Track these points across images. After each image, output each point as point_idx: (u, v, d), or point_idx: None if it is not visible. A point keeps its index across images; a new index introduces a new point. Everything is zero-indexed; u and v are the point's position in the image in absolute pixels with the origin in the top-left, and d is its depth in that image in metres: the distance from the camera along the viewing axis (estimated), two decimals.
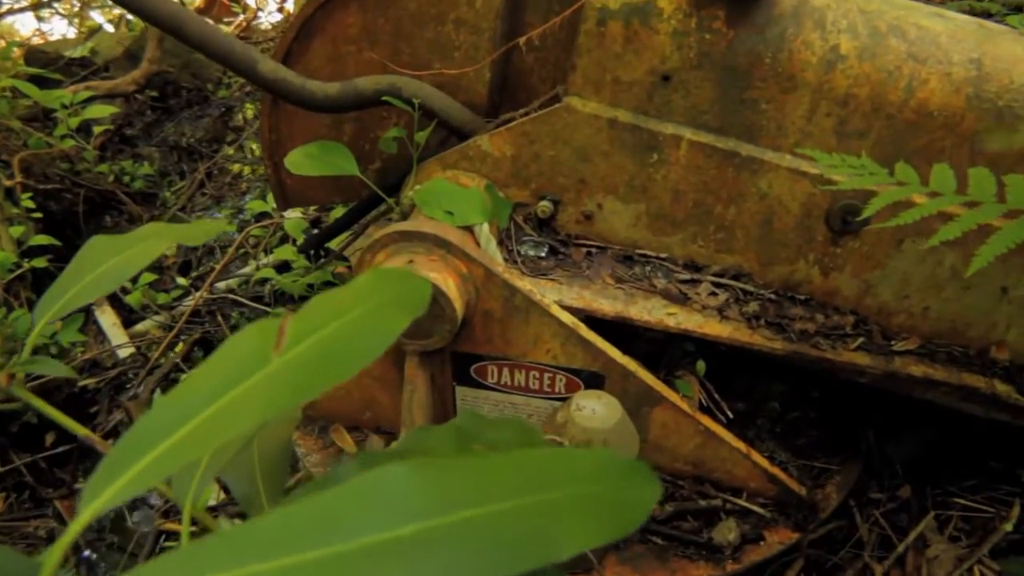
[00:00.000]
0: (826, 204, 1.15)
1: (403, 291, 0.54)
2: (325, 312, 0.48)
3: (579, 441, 0.93)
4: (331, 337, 0.45)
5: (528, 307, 1.08)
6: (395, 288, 0.54)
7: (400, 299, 0.53)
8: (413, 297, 0.54)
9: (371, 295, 0.52)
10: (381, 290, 0.53)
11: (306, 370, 0.42)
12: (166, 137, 3.29)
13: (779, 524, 1.23)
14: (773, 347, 1.18)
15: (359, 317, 0.48)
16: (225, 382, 0.41)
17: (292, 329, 0.45)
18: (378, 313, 0.50)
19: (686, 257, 1.24)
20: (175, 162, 3.19)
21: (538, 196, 1.23)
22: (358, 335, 0.47)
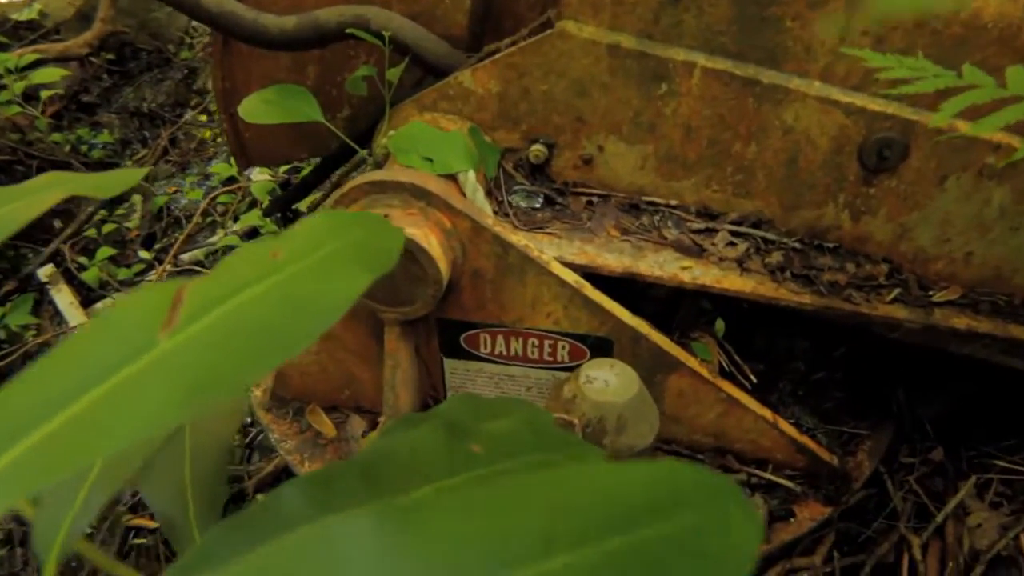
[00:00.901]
0: (860, 138, 1.00)
1: (363, 240, 0.39)
2: (245, 271, 0.33)
3: (591, 418, 0.79)
4: (249, 308, 0.31)
5: (524, 265, 0.93)
6: (351, 236, 0.39)
7: (358, 250, 0.38)
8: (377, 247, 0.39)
9: (315, 246, 0.37)
10: (331, 239, 0.38)
11: (205, 361, 0.28)
12: (125, 103, 3.09)
13: (809, 498, 1.11)
14: (801, 302, 1.04)
15: (295, 277, 0.34)
16: (81, 381, 0.27)
17: (192, 298, 0.31)
18: (324, 270, 0.35)
19: (699, 204, 1.09)
20: (136, 129, 2.99)
21: (530, 139, 1.08)
22: (295, 302, 0.32)
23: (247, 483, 1.47)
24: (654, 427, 0.83)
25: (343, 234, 0.38)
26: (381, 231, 0.40)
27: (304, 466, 1.15)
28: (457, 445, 0.36)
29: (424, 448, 0.36)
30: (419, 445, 0.36)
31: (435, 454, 0.37)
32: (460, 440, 0.37)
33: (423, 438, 0.36)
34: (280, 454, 1.19)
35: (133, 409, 0.25)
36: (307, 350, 1.12)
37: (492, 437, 0.39)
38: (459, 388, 1.11)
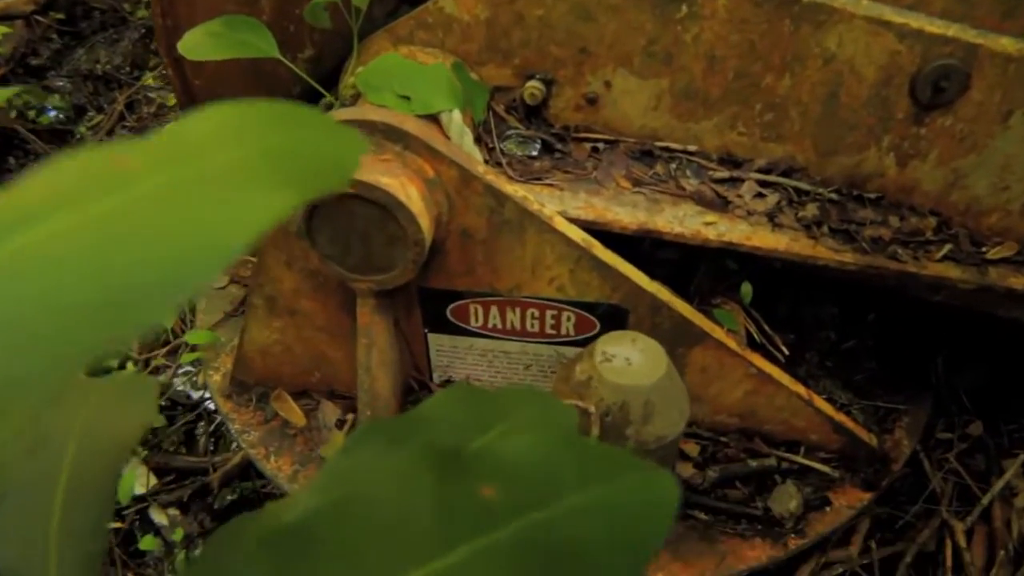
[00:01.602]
0: (913, 67, 0.85)
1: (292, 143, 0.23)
2: (51, 193, 0.18)
3: (611, 405, 0.64)
4: (48, 249, 0.15)
5: (523, 221, 0.78)
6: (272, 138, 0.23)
7: (281, 157, 0.22)
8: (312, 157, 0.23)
9: (201, 151, 0.21)
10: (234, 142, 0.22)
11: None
12: (78, 65, 2.86)
13: (846, 483, 0.98)
14: (842, 260, 0.90)
15: (149, 198, 0.18)
16: None
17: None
18: (212, 183, 0.19)
19: (722, 149, 0.94)
20: (90, 93, 2.77)
21: (524, 75, 0.91)
22: (135, 245, 0.16)
23: (212, 476, 1.32)
24: (684, 412, 0.69)
25: (253, 136, 0.23)
26: (321, 133, 0.25)
27: (270, 460, 0.99)
28: (457, 489, 0.21)
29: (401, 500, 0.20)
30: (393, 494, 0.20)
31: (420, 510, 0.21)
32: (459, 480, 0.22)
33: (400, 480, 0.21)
34: (243, 448, 1.03)
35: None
36: (268, 326, 0.96)
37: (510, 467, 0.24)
38: (446, 368, 0.96)
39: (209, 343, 1.13)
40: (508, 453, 0.26)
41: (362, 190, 0.70)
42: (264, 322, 0.95)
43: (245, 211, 0.18)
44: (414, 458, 0.22)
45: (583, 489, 0.26)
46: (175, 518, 1.27)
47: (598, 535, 0.25)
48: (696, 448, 0.95)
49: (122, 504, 1.27)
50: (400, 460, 0.22)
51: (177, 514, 1.27)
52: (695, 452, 0.95)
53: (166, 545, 1.23)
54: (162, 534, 1.24)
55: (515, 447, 0.28)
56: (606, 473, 0.27)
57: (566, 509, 0.24)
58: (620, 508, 0.26)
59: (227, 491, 1.28)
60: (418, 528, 0.20)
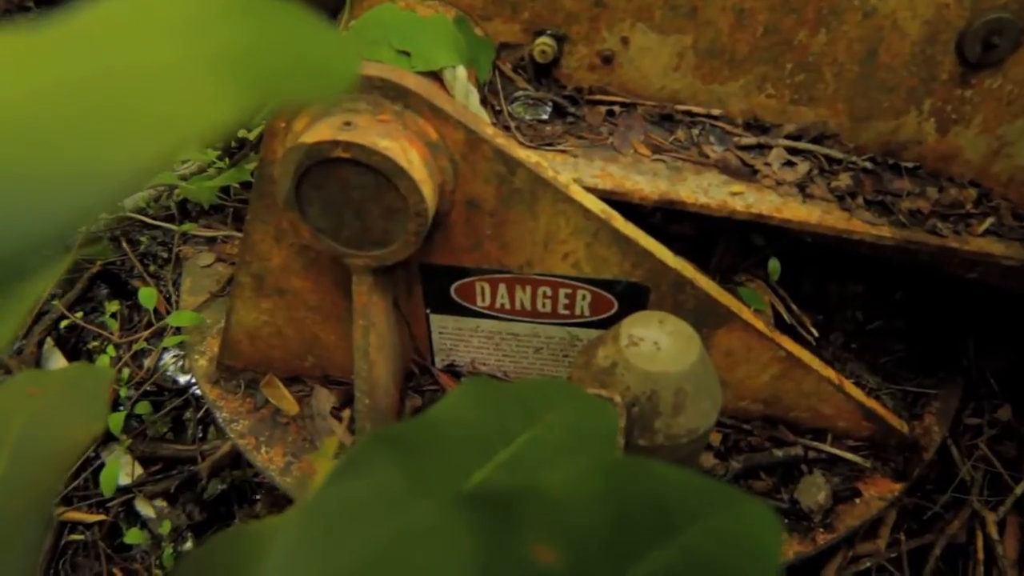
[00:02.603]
0: (962, 22, 0.78)
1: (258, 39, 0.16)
2: None
3: (638, 394, 0.57)
4: None
5: (536, 190, 0.70)
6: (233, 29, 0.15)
7: (247, 53, 0.14)
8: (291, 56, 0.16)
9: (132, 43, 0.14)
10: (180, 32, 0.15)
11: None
12: None
13: (876, 473, 0.92)
14: (880, 235, 0.83)
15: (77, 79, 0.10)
16: None
17: None
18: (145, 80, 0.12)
19: (748, 113, 0.87)
20: None
21: (534, 31, 0.84)
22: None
23: (201, 465, 1.25)
24: (717, 402, 0.62)
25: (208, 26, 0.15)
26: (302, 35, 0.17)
27: (261, 451, 0.93)
28: (503, 551, 0.14)
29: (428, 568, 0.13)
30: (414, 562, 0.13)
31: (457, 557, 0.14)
32: (506, 534, 0.15)
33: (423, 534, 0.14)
34: (231, 437, 0.97)
35: None
36: (256, 307, 0.88)
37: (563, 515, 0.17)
38: (450, 351, 0.89)
39: (194, 325, 1.06)
40: (559, 492, 0.19)
41: (358, 154, 0.63)
42: (252, 302, 0.88)
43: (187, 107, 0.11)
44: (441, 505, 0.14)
45: (664, 541, 0.19)
46: (162, 510, 1.20)
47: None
48: (718, 437, 0.89)
49: (106, 496, 1.20)
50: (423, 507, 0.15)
51: (164, 506, 1.21)
52: (717, 441, 0.88)
53: (153, 539, 1.16)
54: (149, 527, 1.18)
55: (566, 482, 0.20)
56: (690, 515, 0.20)
57: (648, 570, 0.17)
58: (714, 559, 0.19)
59: (217, 481, 1.21)
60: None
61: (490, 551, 0.14)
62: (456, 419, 0.32)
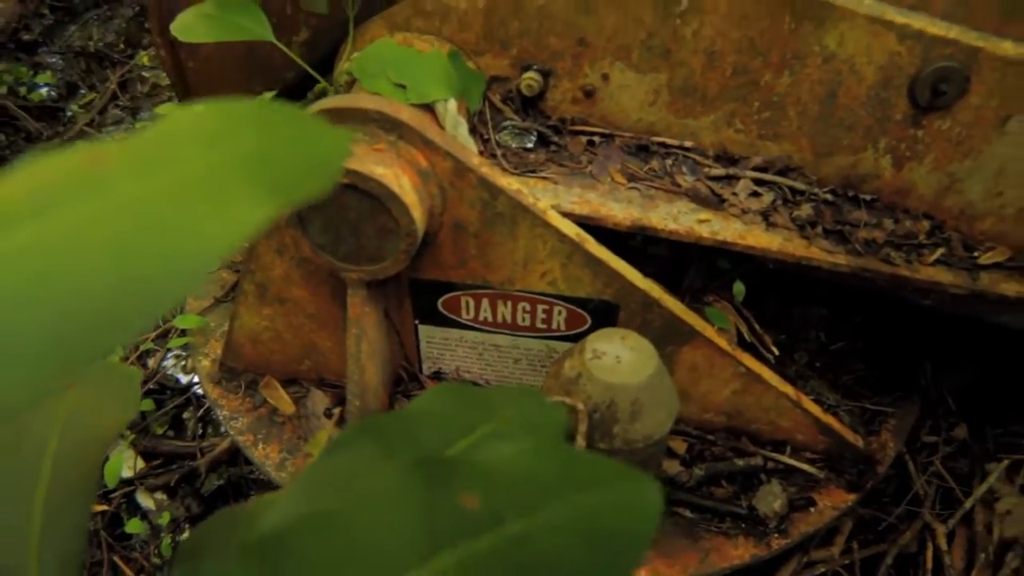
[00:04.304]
0: (913, 68, 0.85)
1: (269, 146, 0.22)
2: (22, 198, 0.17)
3: (599, 403, 0.64)
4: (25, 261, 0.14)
5: (516, 215, 0.77)
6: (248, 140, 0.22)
7: (259, 162, 0.21)
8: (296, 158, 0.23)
9: (179, 155, 0.20)
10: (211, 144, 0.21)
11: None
12: (70, 42, 2.82)
13: (831, 484, 0.98)
14: (835, 262, 0.90)
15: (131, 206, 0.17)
16: None
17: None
18: (186, 189, 0.19)
19: (718, 146, 0.94)
20: (83, 71, 2.74)
21: (521, 66, 0.91)
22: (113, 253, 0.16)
23: (200, 461, 1.31)
24: (672, 412, 0.69)
25: (231, 139, 0.22)
26: (303, 136, 0.24)
27: (258, 448, 0.99)
28: (440, 498, 0.21)
29: (386, 508, 0.20)
30: (377, 502, 0.20)
31: (403, 518, 0.21)
32: (445, 486, 0.21)
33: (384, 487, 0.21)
34: (230, 434, 1.03)
35: None
36: (258, 313, 0.95)
37: (492, 476, 0.23)
38: (436, 360, 0.95)
39: (198, 328, 1.12)
40: (492, 460, 0.26)
41: (355, 180, 0.70)
42: (254, 309, 0.95)
43: (224, 221, 0.18)
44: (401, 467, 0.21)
45: (565, 499, 0.25)
46: (162, 502, 1.26)
47: (580, 546, 0.25)
48: (683, 445, 0.95)
49: (109, 487, 1.26)
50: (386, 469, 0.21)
51: (164, 498, 1.27)
52: (682, 449, 0.95)
53: (152, 529, 1.23)
54: (148, 518, 1.24)
55: (499, 454, 0.27)
56: (589, 482, 0.27)
57: (548, 519, 0.24)
58: (602, 518, 0.26)
59: (215, 476, 1.27)
60: (400, 539, 0.19)
61: (431, 497, 0.21)
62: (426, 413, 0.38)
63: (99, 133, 2.34)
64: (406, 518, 0.20)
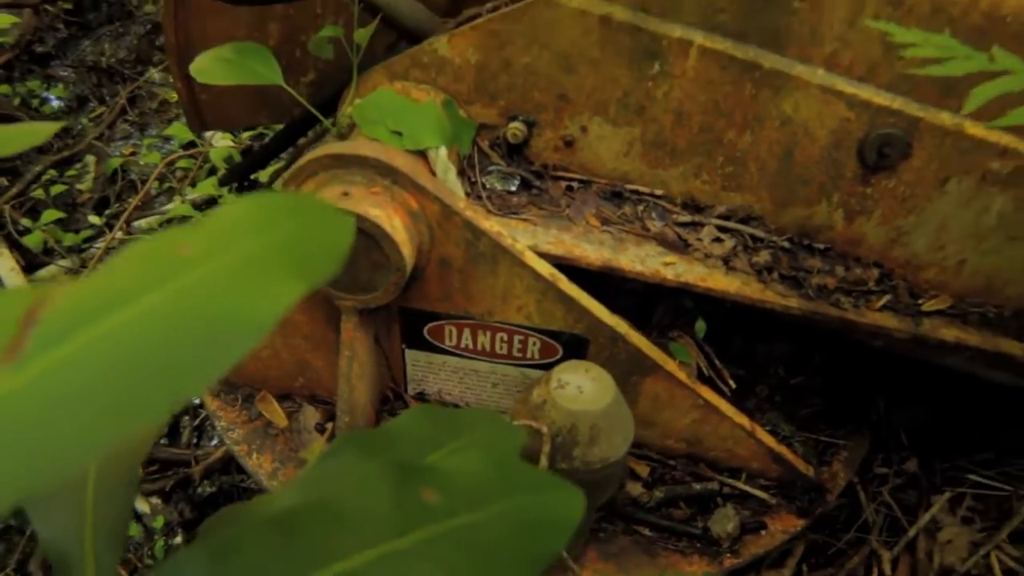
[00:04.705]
0: (861, 133, 0.94)
1: (300, 234, 0.31)
2: (136, 274, 0.25)
3: (561, 427, 0.72)
4: (135, 328, 0.23)
5: (496, 254, 0.86)
6: (286, 228, 0.30)
7: (293, 248, 0.30)
8: (318, 244, 0.31)
9: (240, 239, 0.29)
10: (262, 231, 0.30)
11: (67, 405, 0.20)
12: (83, 56, 2.92)
13: (782, 509, 1.06)
14: (787, 305, 0.98)
15: (204, 284, 0.26)
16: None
17: (54, 314, 0.22)
18: (245, 274, 0.27)
19: (686, 194, 1.02)
20: (94, 85, 2.83)
21: (508, 116, 0.99)
22: (195, 321, 0.24)
23: (194, 469, 1.38)
24: (628, 438, 0.77)
25: (272, 227, 0.30)
26: (323, 223, 0.32)
27: (252, 458, 1.06)
28: (408, 491, 0.29)
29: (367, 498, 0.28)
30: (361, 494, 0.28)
31: (380, 506, 0.29)
32: (411, 484, 0.29)
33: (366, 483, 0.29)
34: (227, 444, 1.10)
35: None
36: None
37: (449, 478, 0.31)
38: (420, 381, 1.03)
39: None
40: (452, 467, 0.34)
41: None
42: None
43: (266, 299, 0.26)
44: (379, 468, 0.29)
45: (506, 499, 0.33)
46: (157, 507, 1.33)
47: (515, 535, 0.33)
48: (646, 469, 1.03)
49: None
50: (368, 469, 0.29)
51: (159, 503, 1.34)
52: (645, 472, 1.03)
53: (146, 531, 1.29)
54: (143, 521, 1.30)
55: (459, 463, 0.36)
56: (525, 488, 0.35)
57: (492, 513, 0.32)
58: (533, 514, 0.34)
59: (208, 483, 1.34)
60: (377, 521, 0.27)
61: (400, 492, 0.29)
62: (405, 429, 0.47)
63: (108, 147, 2.42)
64: (382, 506, 0.28)
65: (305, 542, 0.26)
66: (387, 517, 0.29)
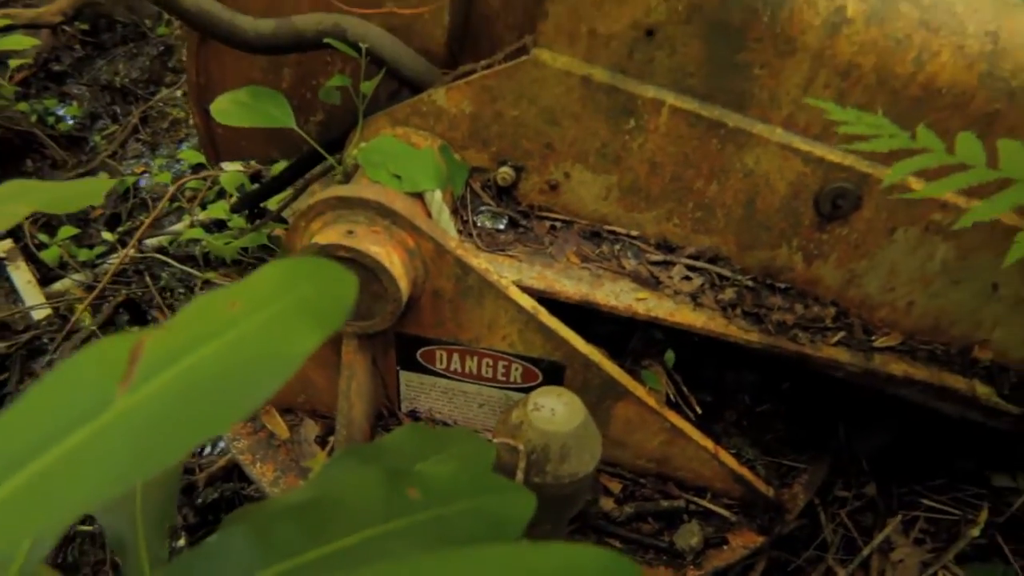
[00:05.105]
0: (816, 186, 1.04)
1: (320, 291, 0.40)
2: (202, 325, 0.35)
3: (535, 445, 0.81)
4: (203, 367, 0.32)
5: (483, 288, 0.95)
6: (309, 287, 0.40)
7: (315, 303, 0.39)
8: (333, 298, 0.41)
9: (274, 297, 0.38)
10: (289, 290, 0.39)
11: (160, 422, 0.29)
12: (97, 75, 3.03)
13: (744, 527, 1.15)
14: (749, 339, 1.08)
15: (249, 334, 0.35)
16: (39, 441, 0.28)
17: (151, 352, 0.32)
18: (281, 324, 0.36)
19: (659, 236, 1.12)
20: (107, 104, 2.94)
21: (499, 161, 1.10)
22: (244, 362, 0.33)
23: (198, 476, 1.47)
24: (596, 456, 0.86)
25: (296, 288, 0.40)
26: (334, 283, 0.42)
27: (256, 466, 1.15)
28: (396, 490, 0.38)
29: (364, 494, 0.37)
30: (359, 490, 0.37)
31: (374, 500, 0.38)
32: (399, 484, 0.39)
33: (364, 483, 0.38)
34: (232, 453, 1.19)
35: (90, 473, 0.27)
36: None
37: (430, 481, 0.41)
38: (413, 400, 1.13)
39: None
40: (431, 473, 0.43)
41: (355, 255, 0.88)
42: None
43: (294, 345, 0.36)
44: (374, 472, 0.39)
45: (472, 497, 0.43)
46: None
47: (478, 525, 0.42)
48: (618, 486, 1.12)
49: None
50: (365, 472, 0.39)
51: None
52: (617, 489, 1.12)
53: None
54: None
55: (438, 470, 0.45)
56: (488, 489, 0.44)
57: (460, 507, 0.41)
58: (493, 509, 0.43)
59: (211, 490, 1.43)
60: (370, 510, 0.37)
61: (390, 489, 0.38)
62: (396, 444, 0.56)
63: (120, 165, 2.52)
64: (375, 500, 0.37)
65: (318, 525, 0.36)
66: (379, 508, 0.38)
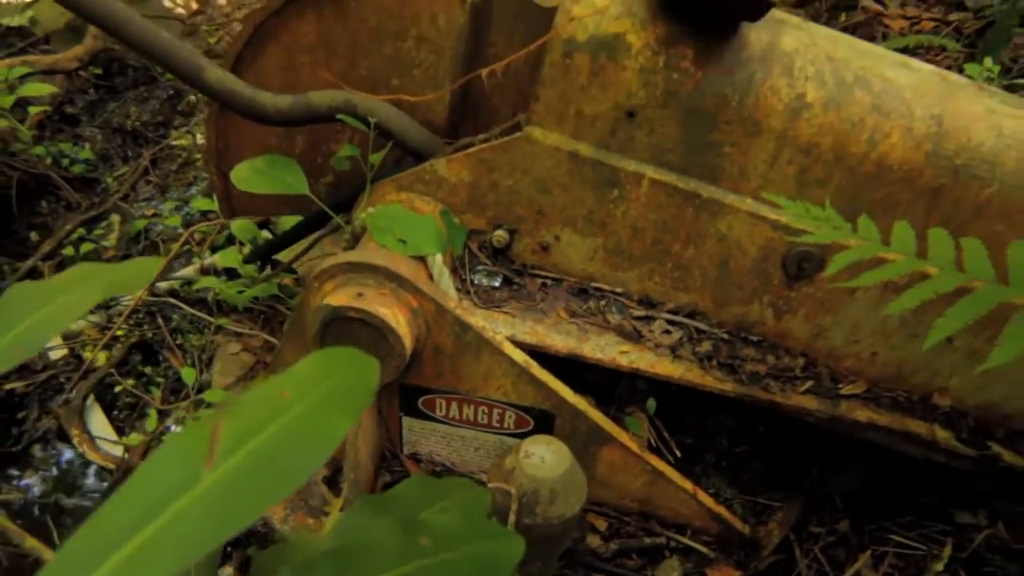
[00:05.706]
0: (783, 249, 1.14)
1: (349, 379, 0.50)
2: (261, 410, 0.44)
3: (526, 489, 0.90)
4: (265, 447, 0.42)
5: (479, 344, 1.05)
6: (340, 376, 0.50)
7: (346, 390, 0.49)
8: (360, 385, 0.50)
9: (314, 386, 0.48)
10: (325, 379, 0.49)
11: (239, 490, 0.39)
12: (109, 118, 3.14)
13: (722, 562, 1.23)
14: (724, 388, 1.17)
15: (300, 417, 0.45)
16: (147, 512, 0.37)
17: (225, 435, 0.42)
18: (321, 410, 0.46)
19: (642, 293, 1.22)
20: (118, 146, 3.05)
21: (494, 224, 1.20)
22: (298, 441, 0.43)
23: None
24: (582, 498, 0.95)
25: (333, 374, 0.50)
26: (361, 370, 0.51)
27: None
28: (411, 538, 0.48)
29: (384, 542, 0.47)
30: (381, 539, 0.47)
31: (393, 547, 0.48)
32: (412, 533, 0.48)
33: (383, 532, 0.47)
34: None
35: (181, 541, 0.36)
36: None
37: (436, 529, 0.50)
38: (415, 444, 1.21)
39: (223, 400, 1.38)
40: (437, 522, 0.53)
41: (364, 316, 0.97)
42: None
43: (333, 427, 0.45)
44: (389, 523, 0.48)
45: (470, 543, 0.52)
46: None
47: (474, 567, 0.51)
48: (604, 524, 1.21)
49: None
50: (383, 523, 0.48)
51: None
52: (603, 527, 1.20)
53: None
54: None
55: (442, 519, 0.55)
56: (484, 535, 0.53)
57: (461, 552, 0.51)
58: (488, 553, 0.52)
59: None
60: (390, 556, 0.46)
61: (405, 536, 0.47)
62: (404, 494, 0.65)
63: (132, 207, 2.63)
64: (393, 547, 0.46)
65: (350, 568, 0.45)
66: (397, 554, 0.47)
